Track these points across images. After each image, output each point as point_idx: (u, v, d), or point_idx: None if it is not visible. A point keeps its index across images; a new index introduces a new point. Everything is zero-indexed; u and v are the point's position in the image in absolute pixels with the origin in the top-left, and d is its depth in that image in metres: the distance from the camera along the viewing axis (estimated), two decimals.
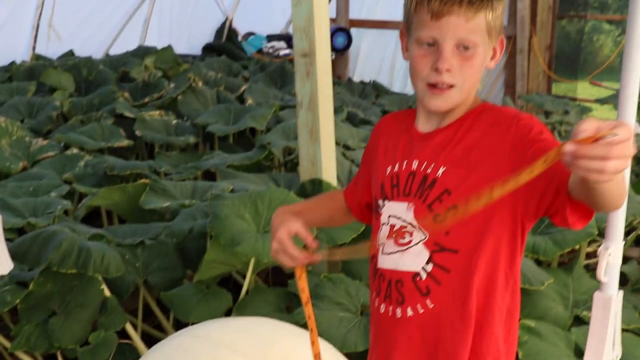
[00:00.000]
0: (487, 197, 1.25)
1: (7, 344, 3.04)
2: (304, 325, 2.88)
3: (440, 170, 1.55)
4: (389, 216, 1.64)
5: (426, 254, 1.56)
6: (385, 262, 1.63)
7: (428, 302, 1.57)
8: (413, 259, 1.58)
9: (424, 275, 1.57)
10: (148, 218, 4.21)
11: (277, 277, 4.14)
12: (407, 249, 1.59)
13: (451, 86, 1.53)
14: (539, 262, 3.49)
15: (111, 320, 3.11)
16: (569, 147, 1.09)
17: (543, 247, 3.34)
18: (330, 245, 3.56)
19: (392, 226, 1.61)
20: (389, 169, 1.66)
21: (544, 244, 3.36)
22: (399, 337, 1.64)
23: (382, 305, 1.66)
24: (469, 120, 1.57)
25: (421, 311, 1.59)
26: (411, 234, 1.59)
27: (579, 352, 2.90)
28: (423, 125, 1.64)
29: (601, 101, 8.12)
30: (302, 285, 1.77)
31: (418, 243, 1.57)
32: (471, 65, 1.53)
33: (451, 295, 1.55)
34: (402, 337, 1.63)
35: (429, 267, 1.56)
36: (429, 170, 1.58)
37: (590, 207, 1.31)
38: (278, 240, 1.70)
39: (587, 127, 1.08)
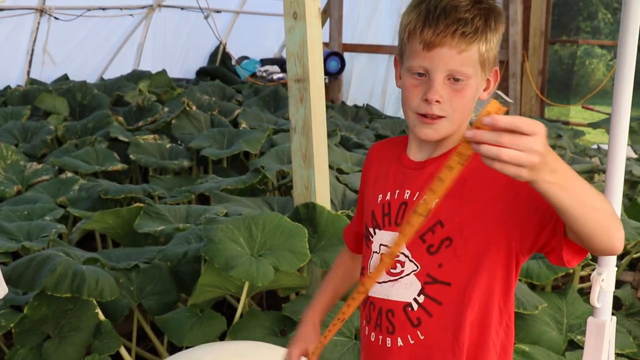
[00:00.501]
0: (422, 206, 1.27)
1: None
2: None
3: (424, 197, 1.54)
4: (380, 245, 1.63)
5: (418, 285, 1.55)
6: (376, 291, 1.62)
7: (419, 333, 1.56)
8: (405, 289, 1.57)
9: (415, 307, 1.56)
10: (142, 241, 4.22)
11: (271, 301, 4.14)
12: (398, 279, 1.58)
13: (441, 117, 1.51)
14: (532, 286, 3.51)
15: (105, 344, 3.10)
16: (468, 132, 1.12)
17: (537, 271, 3.35)
18: (323, 269, 3.58)
19: (383, 255, 1.54)
20: (380, 197, 1.65)
21: (538, 268, 3.37)
22: None
23: (372, 334, 1.65)
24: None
25: (412, 342, 1.57)
26: (403, 264, 1.57)
27: None
28: (415, 154, 1.62)
29: (594, 125, 8.18)
30: None
31: (410, 274, 1.56)
32: (461, 97, 1.50)
33: (443, 328, 1.54)
34: None
35: (421, 299, 1.55)
36: (418, 197, 1.56)
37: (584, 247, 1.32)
38: (289, 354, 1.84)
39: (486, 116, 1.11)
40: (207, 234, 3.34)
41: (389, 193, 1.63)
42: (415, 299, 1.56)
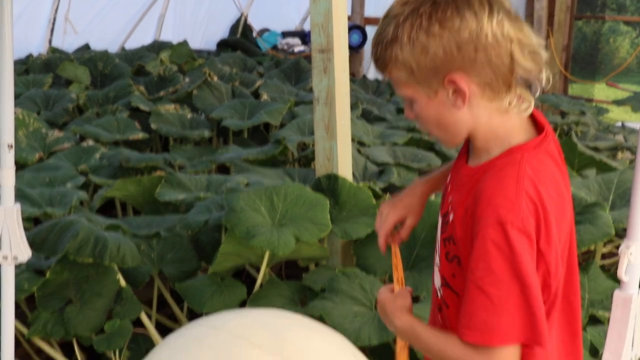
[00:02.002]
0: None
1: (24, 330, 3.06)
2: (319, 318, 2.89)
3: (451, 215, 1.49)
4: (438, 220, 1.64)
5: (439, 282, 1.59)
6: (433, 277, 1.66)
7: (439, 318, 1.63)
8: (437, 276, 1.61)
9: (438, 295, 1.61)
10: (163, 210, 4.23)
11: (290, 271, 4.15)
12: (434, 264, 1.63)
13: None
14: None
15: (126, 309, 3.12)
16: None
17: None
18: (343, 239, 3.57)
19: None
20: (447, 179, 1.63)
21: None
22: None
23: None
24: (479, 175, 1.45)
25: (441, 323, 1.64)
26: (437, 253, 1.60)
27: (594, 351, 2.89)
28: (469, 152, 1.56)
29: (618, 103, 8.08)
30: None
31: (436, 267, 1.61)
32: (421, 117, 1.46)
33: (449, 327, 1.55)
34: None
35: (440, 292, 1.59)
36: (450, 202, 1.53)
37: None
38: (386, 216, 1.78)
39: None
40: (228, 203, 3.34)
41: (449, 178, 1.61)
42: (438, 289, 1.61)
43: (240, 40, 10.99)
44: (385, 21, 1.44)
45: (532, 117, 1.48)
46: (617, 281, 1.88)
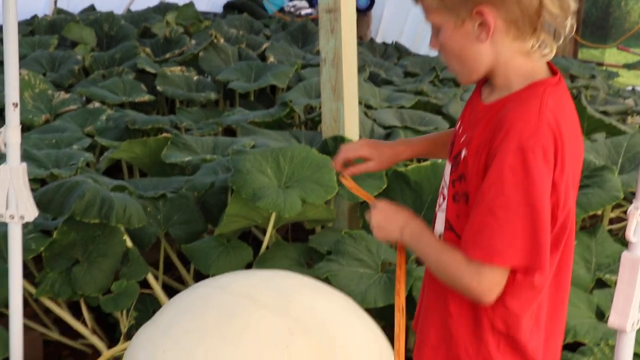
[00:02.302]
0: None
1: (32, 290, 3.07)
2: (325, 280, 2.90)
3: (464, 152, 1.51)
4: (444, 174, 1.65)
5: (442, 225, 1.60)
6: (435, 217, 1.67)
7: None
8: (440, 222, 1.61)
9: (441, 238, 1.61)
10: (169, 172, 4.22)
11: (297, 234, 4.15)
12: (438, 210, 1.63)
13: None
14: None
15: (133, 270, 3.13)
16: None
17: None
18: (350, 201, 3.56)
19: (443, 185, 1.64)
20: (456, 126, 1.65)
21: None
22: (424, 287, 1.72)
23: None
24: (497, 109, 1.46)
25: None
26: (444, 198, 1.60)
27: (601, 314, 2.89)
28: (483, 92, 1.58)
29: (629, 67, 8.00)
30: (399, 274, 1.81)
31: (443, 210, 1.60)
32: (444, 47, 1.50)
33: None
34: (425, 288, 1.71)
35: (442, 238, 1.59)
36: (462, 142, 1.54)
37: None
38: (356, 145, 1.88)
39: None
40: (234, 165, 3.33)
41: (459, 123, 1.63)
42: (440, 236, 1.61)
43: (247, 2, 10.90)
44: None
45: (547, 64, 1.50)
46: (625, 245, 1.87)
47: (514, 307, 1.47)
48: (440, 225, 1.61)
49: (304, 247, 3.39)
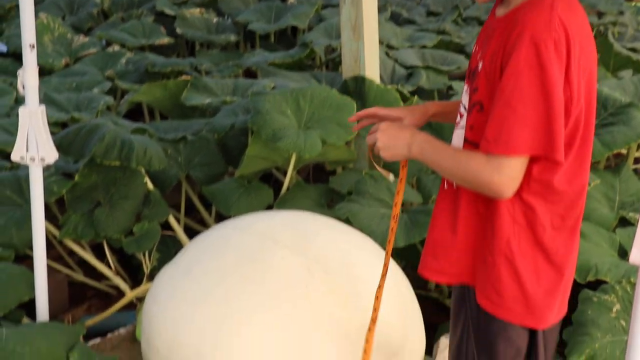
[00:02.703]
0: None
1: (56, 232, 3.10)
2: (346, 221, 2.89)
3: (480, 64, 1.56)
4: (462, 96, 1.70)
5: (462, 141, 1.63)
6: (453, 136, 1.72)
7: (454, 183, 1.67)
8: (458, 139, 1.65)
9: None
10: (189, 114, 4.21)
11: (317, 175, 4.14)
12: (457, 128, 1.67)
13: None
14: None
15: (154, 212, 3.14)
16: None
17: None
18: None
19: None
20: (473, 50, 1.69)
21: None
22: (437, 205, 1.73)
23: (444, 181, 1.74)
24: (511, 17, 1.51)
25: (454, 187, 1.68)
26: (461, 116, 1.64)
27: (623, 252, 2.87)
28: (497, 11, 1.62)
29: None
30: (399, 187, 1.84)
31: (461, 127, 1.64)
32: None
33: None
34: (438, 207, 1.73)
35: None
36: (478, 57, 1.59)
37: None
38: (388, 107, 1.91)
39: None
40: (254, 105, 3.31)
41: (476, 44, 1.67)
42: None
43: None
44: None
45: None
46: None
47: (532, 203, 1.54)
48: (457, 141, 1.66)
49: (325, 188, 3.38)
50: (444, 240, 1.69)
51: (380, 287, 1.90)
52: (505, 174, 1.46)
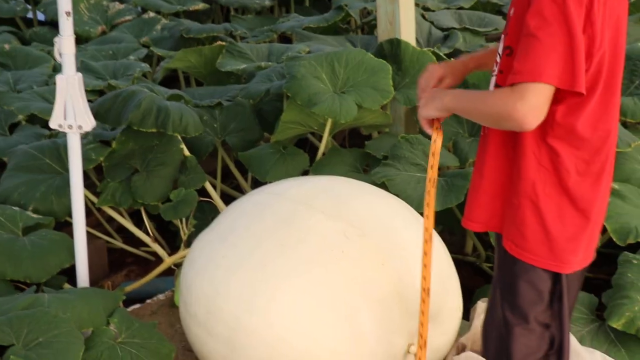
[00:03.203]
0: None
1: (94, 199, 3.14)
2: (381, 185, 2.88)
3: (512, 10, 1.64)
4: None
5: (493, 87, 1.70)
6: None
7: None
8: (491, 87, 1.70)
9: None
10: (224, 80, 4.21)
11: (353, 140, 4.12)
12: (492, 76, 1.71)
13: None
14: (625, 125, 3.36)
15: (191, 179, 3.16)
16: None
17: (632, 108, 3.19)
18: (407, 106, 3.51)
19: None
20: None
21: (633, 105, 3.21)
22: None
23: None
24: None
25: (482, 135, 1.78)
26: (496, 64, 1.69)
27: None
28: None
29: None
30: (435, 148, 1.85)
31: (494, 74, 1.70)
32: None
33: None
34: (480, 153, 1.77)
35: None
36: (511, 4, 1.66)
37: None
38: (429, 70, 1.90)
39: None
40: (289, 71, 3.30)
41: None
42: None
43: None
44: None
45: None
46: None
47: (557, 147, 1.58)
48: (491, 87, 1.71)
49: (360, 153, 3.37)
50: (474, 186, 1.75)
51: (425, 253, 1.90)
52: (528, 102, 1.48)
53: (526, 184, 1.61)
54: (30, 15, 5.95)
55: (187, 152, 3.24)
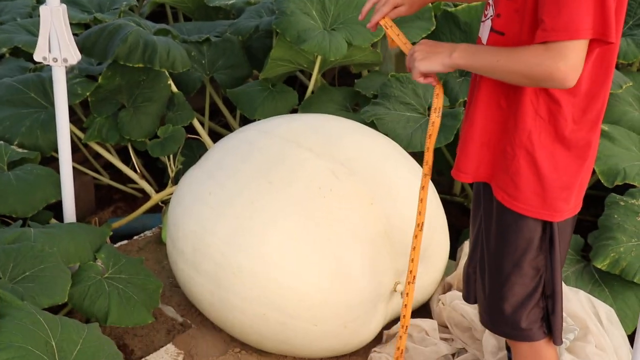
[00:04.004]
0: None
1: (80, 135, 3.11)
2: (371, 124, 2.86)
3: None
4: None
5: (488, 31, 1.63)
6: (480, 29, 1.72)
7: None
8: (485, 31, 1.65)
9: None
10: (213, 16, 4.14)
11: (343, 79, 4.09)
12: (485, 20, 1.66)
13: None
14: (617, 66, 3.34)
15: (179, 115, 3.13)
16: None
17: (624, 49, 3.17)
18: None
19: None
20: None
21: (625, 46, 3.18)
22: (470, 98, 1.74)
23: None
24: None
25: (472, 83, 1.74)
26: (490, 6, 1.64)
27: None
28: None
29: None
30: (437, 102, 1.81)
31: (489, 18, 1.64)
32: None
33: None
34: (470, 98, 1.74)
35: (487, 42, 1.65)
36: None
37: None
38: None
39: None
40: (278, 7, 3.24)
41: None
42: (485, 41, 1.65)
43: None
44: None
45: None
46: None
47: (558, 95, 1.55)
48: (484, 32, 1.66)
49: (350, 91, 3.34)
50: (464, 134, 1.71)
51: (423, 187, 1.87)
52: (571, 61, 1.44)
53: (522, 134, 1.58)
54: None
55: (174, 89, 3.20)
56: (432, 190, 2.43)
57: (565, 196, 1.62)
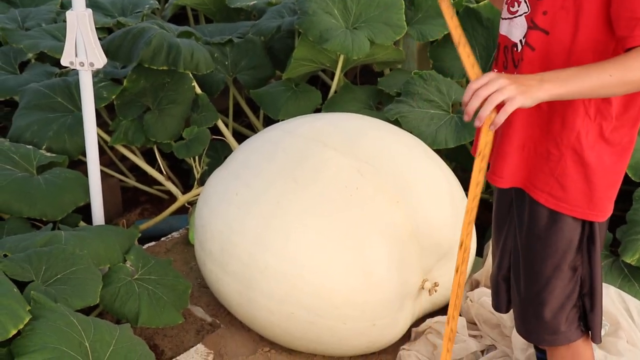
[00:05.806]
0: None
1: (107, 138, 3.14)
2: (395, 122, 2.87)
3: None
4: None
5: (524, 28, 1.56)
6: (502, 28, 1.65)
7: (516, 74, 1.55)
8: (517, 29, 1.59)
9: (519, 48, 1.58)
10: (234, 17, 4.16)
11: (365, 77, 4.09)
12: (514, 17, 1.60)
13: None
14: None
15: (203, 116, 3.15)
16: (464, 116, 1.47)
17: None
18: (420, 41, 3.46)
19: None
20: None
21: None
22: None
23: (494, 70, 1.68)
24: None
25: None
26: (519, 4, 1.58)
27: None
28: None
29: None
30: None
31: (522, 15, 1.57)
32: None
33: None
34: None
35: (524, 41, 1.57)
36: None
37: None
38: None
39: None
40: (300, 6, 3.25)
41: None
42: (520, 41, 1.58)
43: None
44: None
45: None
46: None
47: None
48: (518, 30, 1.58)
49: (373, 90, 3.34)
50: (500, 139, 1.64)
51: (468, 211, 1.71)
52: None
53: (570, 134, 1.54)
54: None
55: (198, 90, 3.22)
56: (457, 186, 2.43)
57: (611, 195, 1.60)
